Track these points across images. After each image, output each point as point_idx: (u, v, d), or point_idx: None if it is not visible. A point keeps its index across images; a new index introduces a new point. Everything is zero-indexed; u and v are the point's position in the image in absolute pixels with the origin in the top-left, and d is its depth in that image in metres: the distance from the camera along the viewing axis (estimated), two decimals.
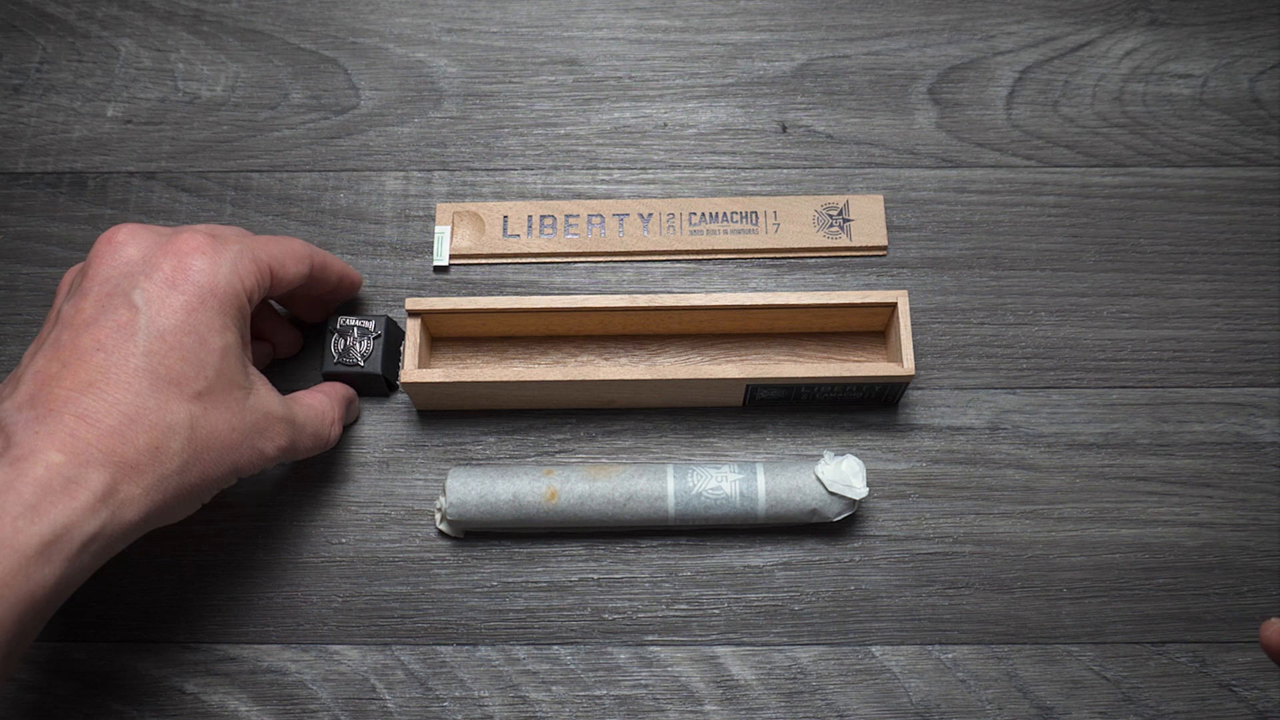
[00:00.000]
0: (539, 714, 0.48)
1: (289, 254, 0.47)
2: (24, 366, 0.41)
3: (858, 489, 0.48)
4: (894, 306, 0.51)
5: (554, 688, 0.48)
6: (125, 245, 0.43)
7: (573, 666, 0.49)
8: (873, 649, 0.49)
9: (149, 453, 0.39)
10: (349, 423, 0.52)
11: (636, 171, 0.58)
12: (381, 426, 0.53)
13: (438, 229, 0.56)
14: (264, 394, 0.44)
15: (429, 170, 0.58)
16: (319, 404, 0.48)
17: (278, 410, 0.45)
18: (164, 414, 0.40)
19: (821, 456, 0.50)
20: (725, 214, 0.57)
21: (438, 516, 0.50)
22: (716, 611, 0.49)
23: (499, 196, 0.58)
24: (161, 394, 0.40)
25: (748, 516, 0.49)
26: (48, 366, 0.40)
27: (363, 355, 0.51)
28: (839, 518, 0.49)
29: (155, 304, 0.41)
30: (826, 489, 0.48)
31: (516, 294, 0.55)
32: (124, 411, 0.39)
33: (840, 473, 0.48)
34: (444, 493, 0.50)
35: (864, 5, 0.62)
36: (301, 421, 0.46)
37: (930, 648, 0.49)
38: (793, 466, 0.49)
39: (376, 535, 0.51)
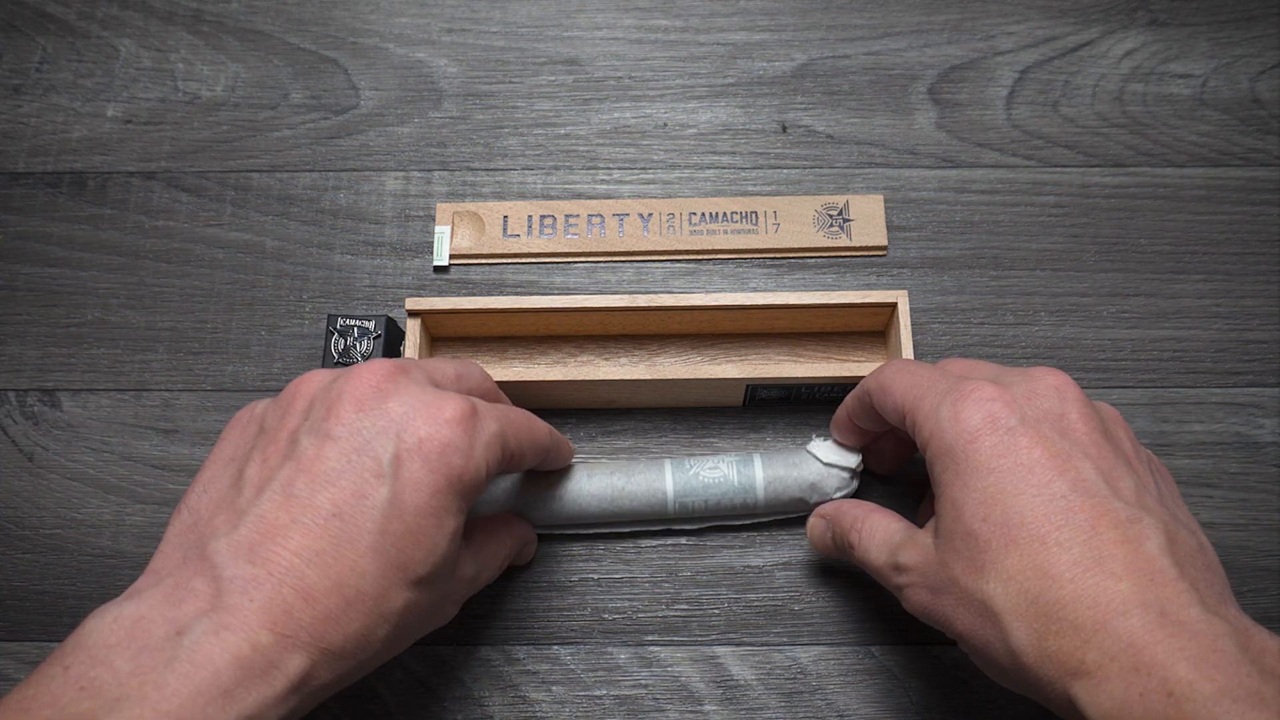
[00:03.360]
0: (539, 714, 0.48)
1: (532, 444, 0.43)
2: (245, 496, 0.37)
3: (851, 458, 0.48)
4: (894, 306, 0.51)
5: (554, 688, 0.48)
6: (389, 397, 0.38)
7: (573, 666, 0.49)
8: (873, 649, 0.49)
9: (355, 639, 0.36)
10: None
11: (636, 171, 0.58)
12: None
13: (438, 229, 0.56)
14: (463, 563, 0.42)
15: (429, 170, 0.58)
16: (493, 550, 0.45)
17: (468, 573, 0.42)
18: (382, 602, 0.37)
19: (810, 439, 0.50)
20: (725, 214, 0.57)
21: None
22: (716, 611, 0.49)
23: (499, 196, 0.58)
24: (385, 578, 0.37)
25: (746, 493, 0.48)
26: (276, 516, 0.36)
27: (363, 355, 0.51)
28: (839, 494, 0.48)
29: (405, 477, 0.37)
30: (821, 461, 0.48)
31: (516, 294, 0.55)
32: (346, 595, 0.36)
33: (831, 446, 0.48)
34: None
35: (864, 5, 0.62)
36: (479, 577, 0.44)
37: (930, 648, 0.49)
38: (788, 450, 0.50)
39: None
